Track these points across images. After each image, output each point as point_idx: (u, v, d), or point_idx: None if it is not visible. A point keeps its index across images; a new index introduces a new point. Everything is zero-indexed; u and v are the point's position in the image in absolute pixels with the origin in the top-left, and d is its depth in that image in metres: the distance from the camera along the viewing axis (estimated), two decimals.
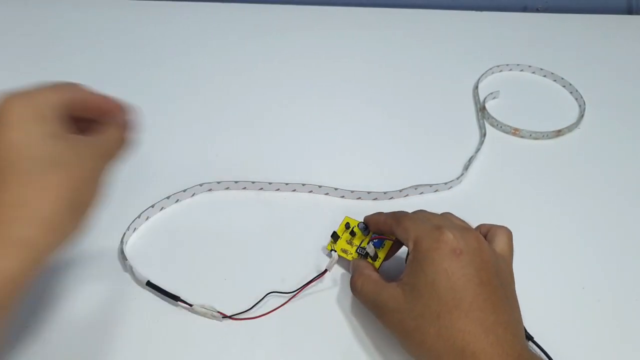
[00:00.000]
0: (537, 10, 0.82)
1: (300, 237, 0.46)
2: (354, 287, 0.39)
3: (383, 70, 0.66)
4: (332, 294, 0.42)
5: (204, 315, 0.40)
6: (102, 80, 0.62)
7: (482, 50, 0.70)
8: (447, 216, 0.39)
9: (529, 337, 0.38)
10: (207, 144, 0.55)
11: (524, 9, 0.82)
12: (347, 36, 0.72)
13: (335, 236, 0.44)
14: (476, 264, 0.34)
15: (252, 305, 0.40)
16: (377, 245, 0.42)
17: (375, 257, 0.41)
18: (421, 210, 0.41)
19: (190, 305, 0.40)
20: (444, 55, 0.69)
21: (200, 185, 0.49)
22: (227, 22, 0.73)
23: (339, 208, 0.48)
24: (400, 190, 0.50)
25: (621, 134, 0.59)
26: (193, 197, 0.49)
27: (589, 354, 0.39)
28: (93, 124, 0.34)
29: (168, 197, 0.48)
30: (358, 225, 0.44)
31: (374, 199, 0.50)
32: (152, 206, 0.47)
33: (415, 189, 0.50)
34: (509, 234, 0.38)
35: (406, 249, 0.37)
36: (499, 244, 0.37)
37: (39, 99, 0.30)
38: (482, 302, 0.32)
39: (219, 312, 0.39)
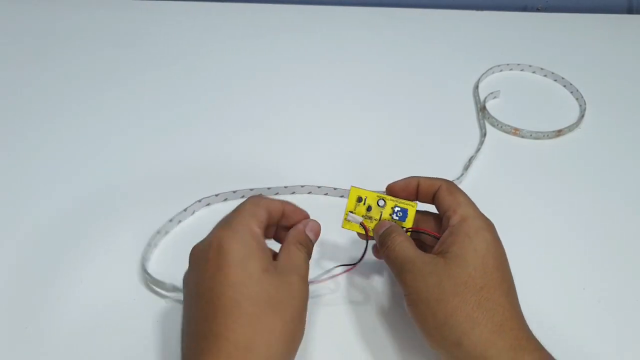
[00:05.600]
0: (537, 10, 0.82)
1: None
2: (389, 243, 0.37)
3: (383, 70, 0.66)
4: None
5: None
6: (102, 80, 0.63)
7: (482, 50, 0.70)
8: None
9: None
10: (202, 150, 0.54)
11: (524, 9, 0.82)
12: (346, 36, 0.72)
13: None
14: (505, 253, 0.36)
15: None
16: (403, 218, 0.40)
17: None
18: None
19: None
20: (444, 55, 0.69)
21: (199, 201, 0.48)
22: (227, 22, 0.73)
23: (338, 208, 0.48)
24: None
25: (622, 133, 0.59)
26: (194, 215, 0.48)
27: (590, 354, 0.39)
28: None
29: (170, 220, 0.46)
30: (378, 203, 0.40)
31: None
32: (158, 232, 0.45)
33: None
34: None
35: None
36: None
37: (246, 233, 0.33)
38: (514, 289, 0.35)
39: None
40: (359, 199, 0.41)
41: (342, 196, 0.49)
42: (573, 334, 0.40)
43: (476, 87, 0.64)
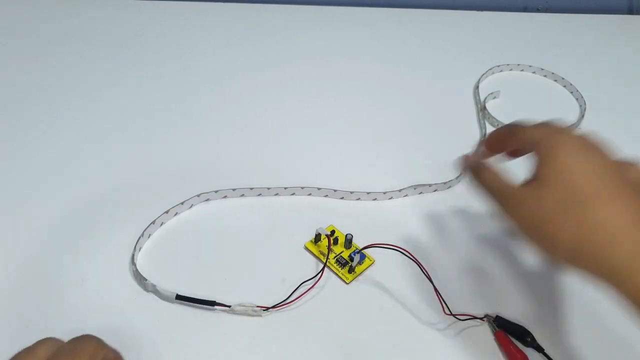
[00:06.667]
0: (538, 10, 0.82)
1: (301, 238, 0.45)
2: (480, 174, 0.36)
3: (383, 70, 0.66)
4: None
5: (244, 313, 0.40)
6: (101, 80, 0.63)
7: (482, 50, 0.70)
8: None
9: (539, 349, 0.38)
10: (203, 149, 0.54)
11: (524, 9, 0.82)
12: (346, 36, 0.72)
13: (317, 238, 0.45)
14: (607, 163, 0.32)
15: (288, 295, 0.40)
16: (360, 261, 0.42)
17: (351, 270, 0.42)
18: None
19: (229, 306, 0.39)
20: (444, 55, 0.69)
21: (198, 196, 0.48)
22: (227, 22, 0.73)
23: (338, 209, 0.48)
24: (400, 190, 0.50)
25: (621, 134, 0.59)
26: (191, 208, 0.48)
27: (590, 354, 0.39)
28: None
29: (167, 212, 0.46)
30: (347, 236, 0.44)
31: (373, 199, 0.50)
32: (153, 222, 0.45)
33: (415, 188, 0.50)
34: None
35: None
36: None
37: None
38: (625, 193, 0.31)
39: (258, 306, 0.39)
40: (332, 232, 0.44)
41: (342, 198, 0.49)
42: (573, 334, 0.40)
43: (476, 87, 0.64)
